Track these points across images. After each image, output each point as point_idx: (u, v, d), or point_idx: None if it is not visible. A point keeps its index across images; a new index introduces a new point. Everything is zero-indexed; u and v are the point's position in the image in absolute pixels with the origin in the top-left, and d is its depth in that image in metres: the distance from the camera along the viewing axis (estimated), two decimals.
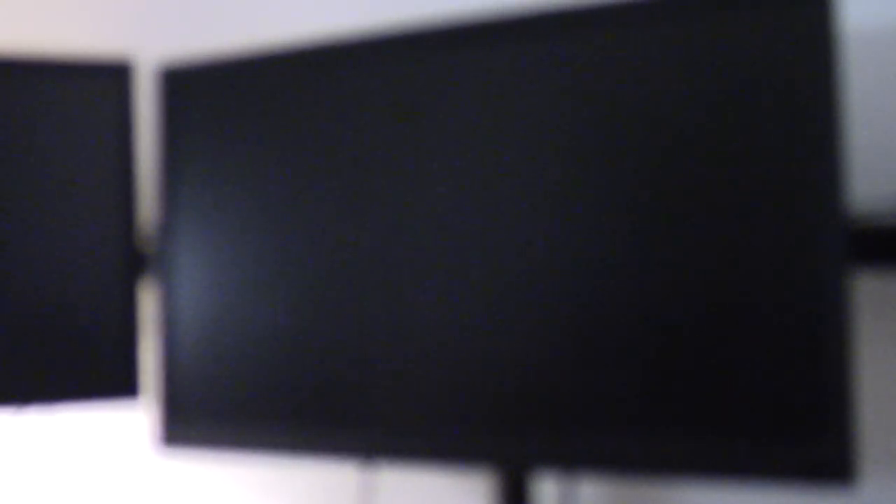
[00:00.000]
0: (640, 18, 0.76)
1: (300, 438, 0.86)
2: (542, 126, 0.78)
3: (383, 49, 0.84)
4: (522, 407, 0.78)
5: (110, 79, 1.00)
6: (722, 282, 0.73)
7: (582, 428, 0.76)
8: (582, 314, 0.77)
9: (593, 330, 0.76)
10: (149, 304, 1.15)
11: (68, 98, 0.99)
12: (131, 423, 1.18)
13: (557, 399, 0.77)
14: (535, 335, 0.78)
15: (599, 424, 0.76)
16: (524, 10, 0.80)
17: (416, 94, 0.83)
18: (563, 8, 0.79)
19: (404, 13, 1.05)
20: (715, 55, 0.74)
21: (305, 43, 0.88)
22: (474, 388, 0.80)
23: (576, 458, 0.77)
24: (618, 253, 0.76)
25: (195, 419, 0.91)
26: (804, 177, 0.71)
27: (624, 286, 0.75)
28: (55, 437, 1.22)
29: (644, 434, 0.75)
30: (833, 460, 0.70)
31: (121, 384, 0.99)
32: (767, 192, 0.72)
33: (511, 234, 0.79)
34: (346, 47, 0.86)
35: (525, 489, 0.84)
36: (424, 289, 0.82)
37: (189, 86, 0.93)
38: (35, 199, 0.98)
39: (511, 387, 0.79)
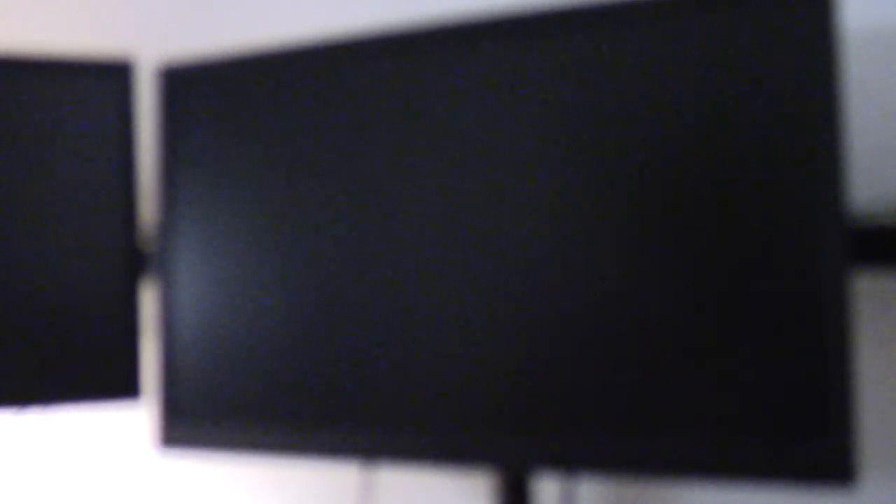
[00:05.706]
0: (639, 18, 0.76)
1: (300, 438, 0.86)
2: (543, 124, 0.78)
3: (383, 49, 0.84)
4: (522, 407, 0.78)
5: (110, 78, 1.00)
6: (722, 281, 0.73)
7: (582, 428, 0.76)
8: (582, 314, 0.77)
9: (593, 329, 0.76)
10: (149, 304, 1.15)
11: (68, 98, 0.99)
12: (132, 423, 1.18)
13: (557, 399, 0.77)
14: (536, 335, 0.78)
15: (599, 424, 0.76)
16: (524, 10, 0.80)
17: (416, 93, 0.83)
18: (562, 8, 0.79)
19: (404, 13, 1.05)
20: (715, 55, 0.74)
21: (305, 43, 0.88)
22: (474, 388, 0.80)
23: (576, 458, 0.77)
24: (619, 252, 0.76)
25: (195, 419, 0.91)
26: (804, 177, 0.71)
27: (625, 286, 0.75)
28: (56, 438, 1.22)
29: (644, 434, 0.75)
30: (834, 460, 0.70)
31: (121, 384, 0.99)
32: (767, 192, 0.72)
33: (511, 234, 0.79)
34: (347, 47, 0.86)
35: (525, 489, 0.84)
36: (425, 289, 0.82)
37: (189, 86, 0.93)
38: (35, 198, 0.97)
39: (511, 387, 0.79)
